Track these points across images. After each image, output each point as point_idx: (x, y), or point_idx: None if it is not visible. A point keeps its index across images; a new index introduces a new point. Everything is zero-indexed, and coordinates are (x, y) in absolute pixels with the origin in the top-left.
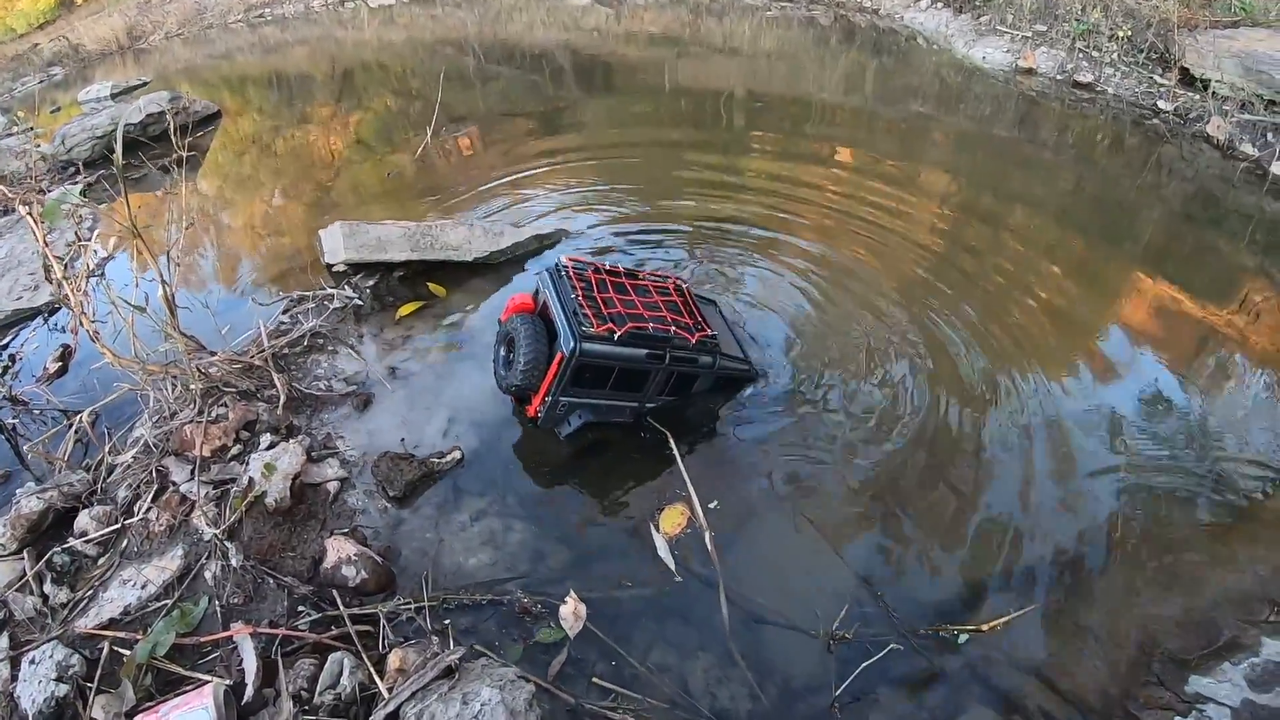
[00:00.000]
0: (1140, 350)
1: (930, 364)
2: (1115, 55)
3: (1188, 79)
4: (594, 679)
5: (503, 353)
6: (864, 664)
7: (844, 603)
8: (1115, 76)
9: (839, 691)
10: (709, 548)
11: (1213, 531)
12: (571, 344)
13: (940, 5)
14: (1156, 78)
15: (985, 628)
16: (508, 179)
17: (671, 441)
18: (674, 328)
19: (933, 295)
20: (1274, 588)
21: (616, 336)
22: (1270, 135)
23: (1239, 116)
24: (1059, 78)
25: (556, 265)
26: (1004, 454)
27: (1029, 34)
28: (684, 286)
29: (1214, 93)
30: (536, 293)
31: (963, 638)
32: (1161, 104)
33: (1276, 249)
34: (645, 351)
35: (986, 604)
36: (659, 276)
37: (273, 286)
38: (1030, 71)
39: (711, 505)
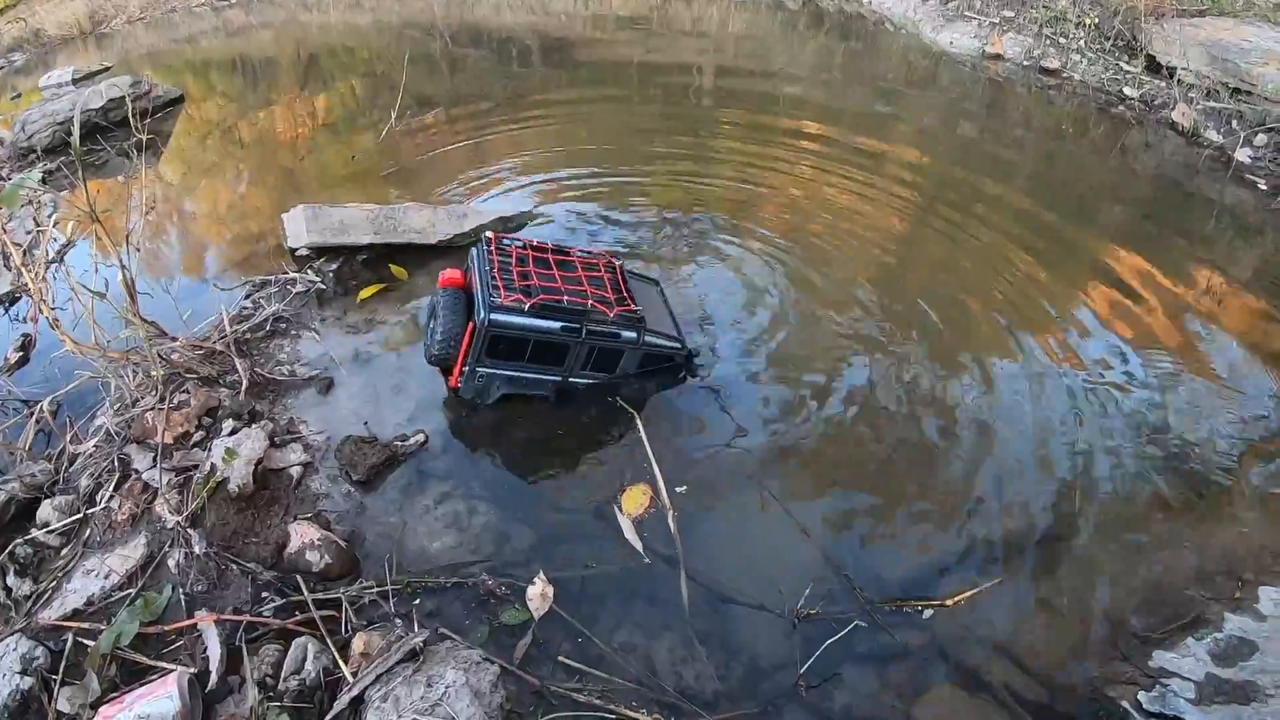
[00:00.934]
0: (1104, 332)
1: (894, 344)
2: (1082, 42)
3: (1154, 66)
4: (560, 659)
5: (429, 324)
6: (828, 641)
7: (809, 580)
8: (1082, 63)
9: (804, 669)
10: (671, 528)
11: (1177, 508)
12: (482, 314)
13: None
14: (1123, 65)
15: (949, 603)
16: (474, 161)
17: (639, 422)
18: (593, 301)
19: (898, 277)
20: (1237, 563)
21: (527, 307)
22: (1234, 122)
23: (1204, 104)
24: (1026, 63)
25: (482, 239)
26: (969, 431)
27: (996, 20)
28: (616, 265)
29: (1179, 80)
30: (467, 268)
31: (927, 613)
32: (1128, 90)
33: (1241, 234)
34: (560, 324)
35: (951, 579)
36: (589, 254)
37: (235, 271)
38: (998, 57)
39: (680, 490)
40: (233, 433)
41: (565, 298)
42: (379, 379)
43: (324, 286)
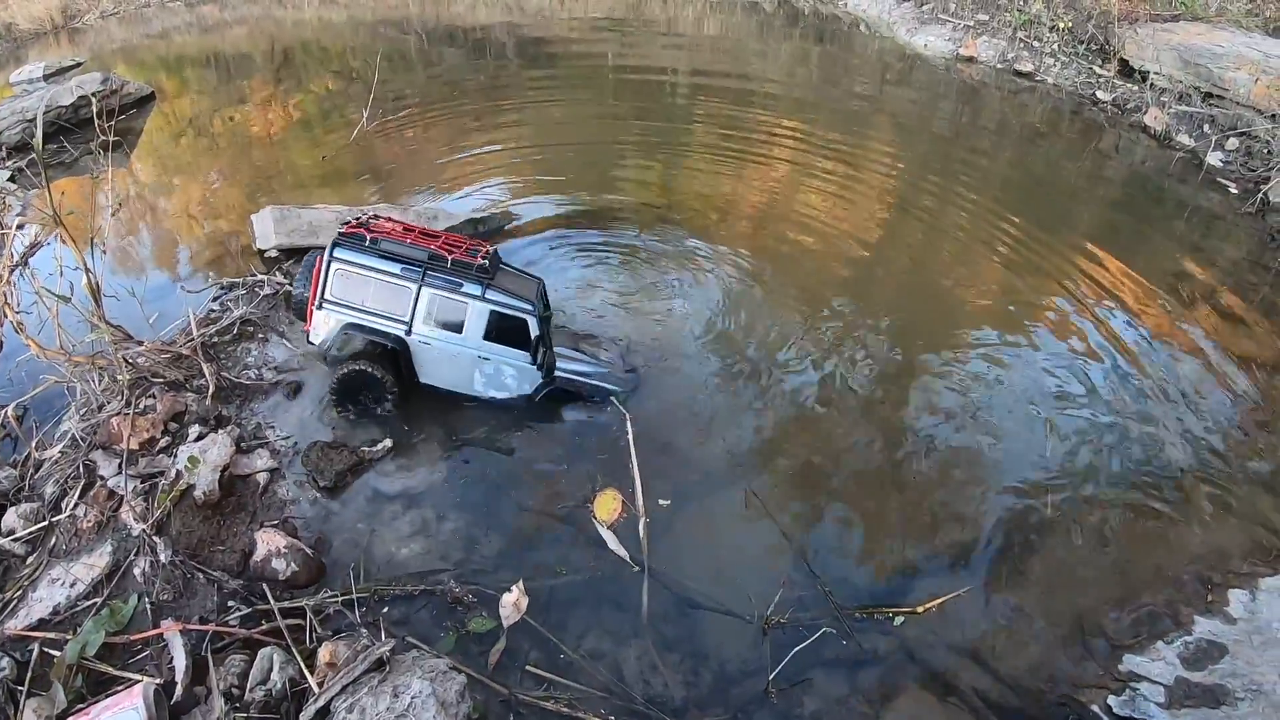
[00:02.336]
0: (1075, 336)
1: (868, 349)
2: (1056, 45)
3: (1126, 70)
4: (528, 667)
5: None
6: (797, 648)
7: (779, 587)
8: (1055, 66)
9: (773, 675)
10: (640, 535)
11: (1148, 512)
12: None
13: None
14: (1096, 68)
15: (920, 609)
16: (447, 161)
17: (629, 424)
18: (437, 246)
19: (871, 281)
20: (1207, 567)
21: (368, 239)
22: (1206, 126)
23: (1176, 108)
24: (999, 66)
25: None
26: (941, 436)
27: (971, 23)
28: (490, 249)
29: (1152, 84)
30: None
31: (898, 619)
32: (1100, 94)
33: (1212, 237)
34: (399, 266)
35: (922, 585)
36: (459, 235)
37: (204, 273)
38: (971, 59)
39: (664, 503)
40: (199, 438)
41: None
42: None
43: (292, 289)
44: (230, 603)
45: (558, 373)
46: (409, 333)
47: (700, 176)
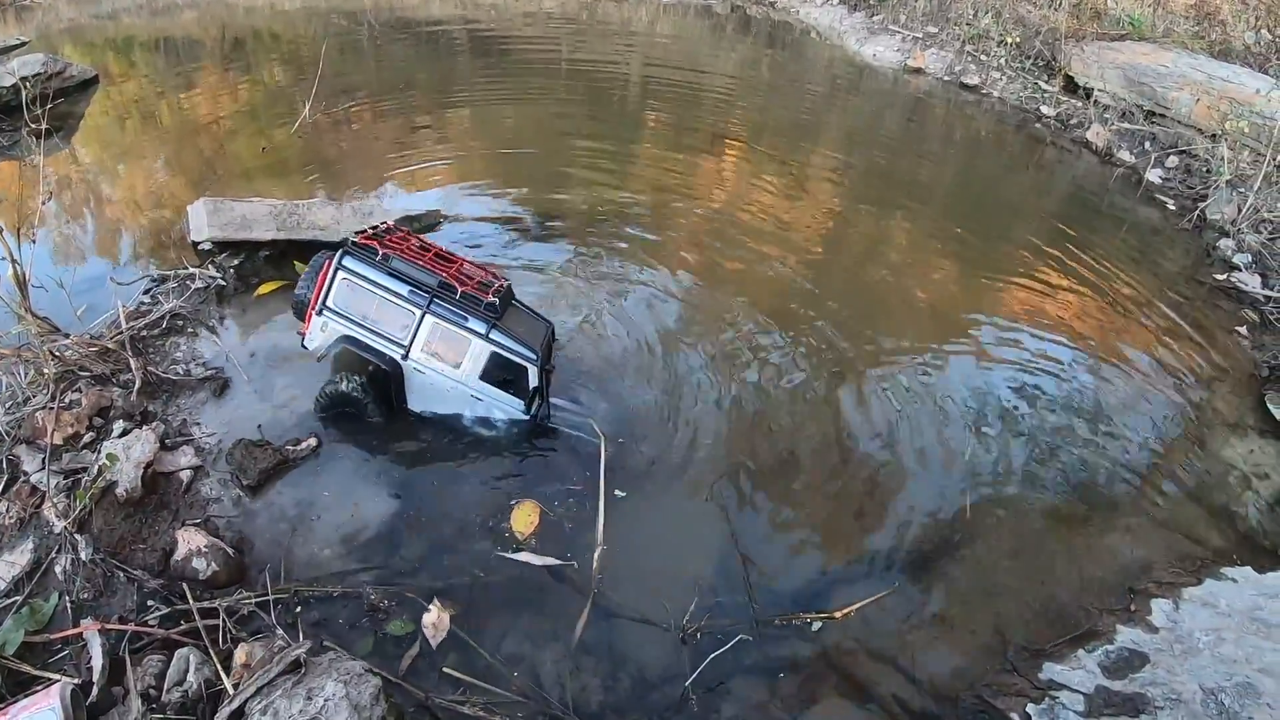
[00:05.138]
0: (1008, 346)
1: (799, 352)
2: (1003, 60)
3: (1071, 87)
4: (445, 670)
5: None
6: (712, 655)
7: (699, 593)
8: (1002, 80)
9: (690, 681)
10: (594, 563)
11: (1072, 519)
12: (339, 251)
13: (835, 1)
14: (1041, 84)
15: (839, 614)
16: (392, 156)
17: (602, 444)
18: (447, 276)
19: (812, 289)
20: (1131, 575)
21: (380, 255)
22: (1147, 144)
23: (1119, 125)
24: (947, 78)
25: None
26: (870, 443)
27: (920, 35)
28: (505, 283)
29: (1096, 101)
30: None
31: (816, 625)
32: (1045, 109)
33: (1149, 251)
34: (407, 287)
35: (843, 590)
36: (479, 265)
37: (136, 264)
38: (919, 71)
39: (620, 494)
40: (124, 434)
41: (421, 263)
42: (275, 380)
43: (224, 283)
44: (150, 602)
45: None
46: (405, 357)
47: (648, 177)
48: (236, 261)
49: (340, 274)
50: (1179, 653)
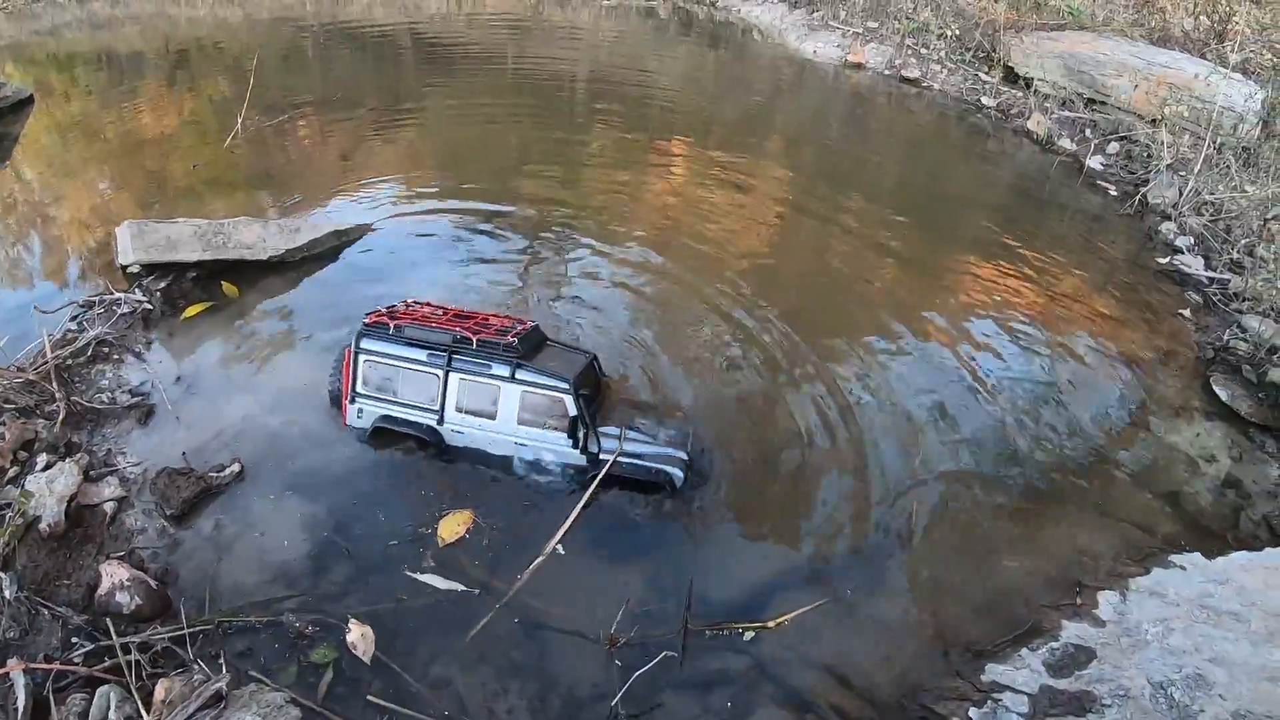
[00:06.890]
0: (953, 337)
1: (743, 352)
2: (943, 53)
3: (1011, 77)
4: (369, 697)
5: None
6: (638, 672)
7: (630, 603)
8: (942, 73)
9: (617, 699)
10: (528, 570)
11: (1015, 515)
12: (355, 337)
13: (776, 0)
14: (981, 75)
15: (772, 624)
16: (331, 166)
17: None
18: (463, 332)
19: (758, 282)
20: (1077, 570)
21: (392, 327)
22: (1088, 131)
23: (1059, 113)
24: (887, 72)
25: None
26: (809, 448)
27: (860, 30)
28: (532, 325)
29: (1036, 91)
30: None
31: (748, 635)
32: (985, 100)
33: (1092, 237)
34: (425, 352)
35: (777, 599)
36: (507, 316)
37: (64, 290)
38: (859, 66)
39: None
40: (48, 467)
41: (436, 324)
42: (201, 405)
43: (150, 307)
44: (75, 639)
45: (605, 455)
46: (440, 422)
47: (595, 181)
48: (163, 284)
49: (361, 357)
50: (1126, 646)
